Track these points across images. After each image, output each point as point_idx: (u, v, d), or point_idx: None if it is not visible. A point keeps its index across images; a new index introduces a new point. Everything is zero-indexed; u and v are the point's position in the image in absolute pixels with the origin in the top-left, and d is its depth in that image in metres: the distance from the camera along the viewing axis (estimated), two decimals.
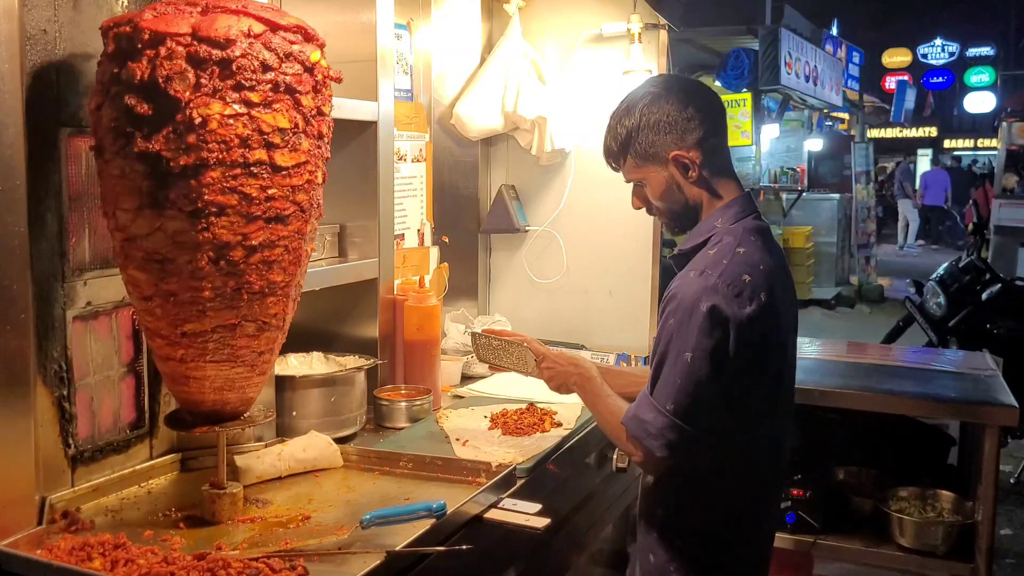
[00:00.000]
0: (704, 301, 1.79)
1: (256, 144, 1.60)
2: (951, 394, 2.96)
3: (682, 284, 1.85)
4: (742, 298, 1.79)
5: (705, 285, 1.80)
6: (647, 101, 1.94)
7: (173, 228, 1.59)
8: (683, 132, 1.91)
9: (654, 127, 1.92)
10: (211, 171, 1.57)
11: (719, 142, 1.96)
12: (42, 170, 1.74)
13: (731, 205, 1.95)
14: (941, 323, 5.97)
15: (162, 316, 1.67)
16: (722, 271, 1.81)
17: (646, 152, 1.94)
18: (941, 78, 26.59)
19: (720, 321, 1.78)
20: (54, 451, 1.81)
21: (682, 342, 1.80)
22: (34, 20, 1.71)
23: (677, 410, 1.80)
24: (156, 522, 1.82)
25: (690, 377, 1.79)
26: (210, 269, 1.61)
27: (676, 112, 1.91)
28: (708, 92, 2.01)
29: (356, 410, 2.40)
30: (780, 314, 1.88)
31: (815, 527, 2.97)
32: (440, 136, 3.37)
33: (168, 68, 1.54)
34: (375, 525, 1.72)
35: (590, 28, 3.30)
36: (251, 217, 1.62)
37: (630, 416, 1.89)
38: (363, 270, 2.60)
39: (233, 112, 1.57)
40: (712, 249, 1.88)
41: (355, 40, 2.58)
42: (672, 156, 1.92)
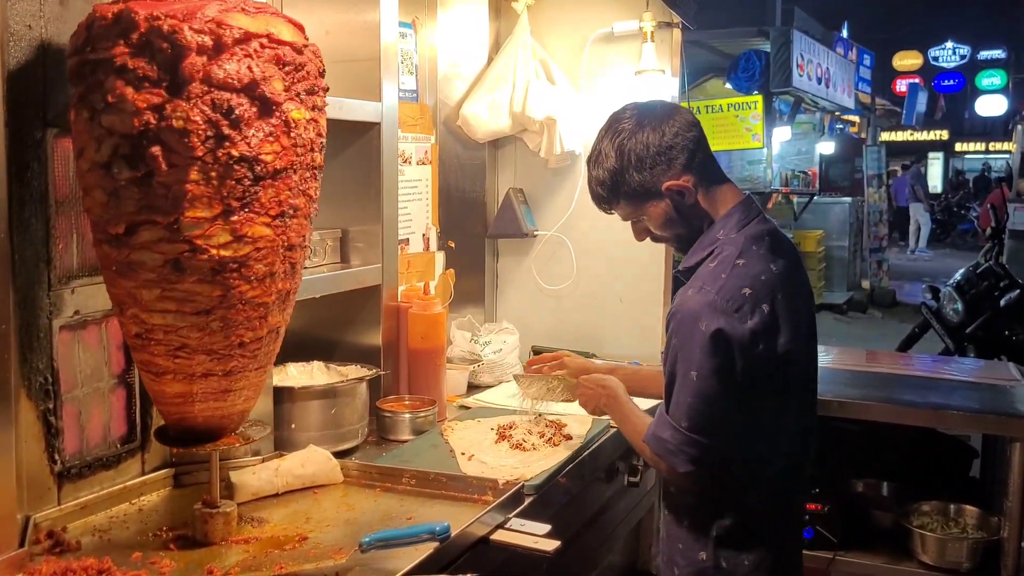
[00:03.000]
0: (703, 320, 1.78)
1: (317, 147, 1.63)
2: (975, 405, 2.88)
3: (682, 301, 1.85)
4: (742, 312, 1.78)
5: (703, 302, 1.80)
6: (622, 139, 1.90)
7: (259, 234, 1.55)
8: (670, 160, 1.89)
9: (639, 164, 1.89)
10: (297, 173, 1.58)
11: (705, 157, 1.94)
12: (27, 172, 1.66)
13: (732, 213, 1.93)
14: (958, 329, 5.88)
15: (220, 329, 1.58)
16: (720, 286, 1.80)
17: (638, 191, 1.92)
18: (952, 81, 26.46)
19: (721, 340, 1.77)
20: (39, 467, 1.72)
21: (687, 361, 1.81)
22: (18, 15, 1.63)
23: (692, 426, 1.81)
24: (146, 543, 1.74)
25: (699, 395, 1.80)
26: (286, 269, 1.62)
27: (656, 142, 1.88)
28: (678, 109, 1.98)
29: (357, 422, 2.31)
30: (788, 323, 1.84)
31: (833, 542, 2.88)
32: (446, 138, 3.28)
33: (263, 69, 1.51)
34: (375, 548, 1.64)
35: (601, 27, 3.21)
36: (310, 219, 1.66)
37: (650, 435, 1.90)
38: (366, 276, 2.52)
39: (309, 116, 1.59)
40: (713, 262, 1.87)
41: (357, 39, 2.50)
42: (665, 188, 1.90)
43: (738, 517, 1.91)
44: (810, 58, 9.07)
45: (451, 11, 3.25)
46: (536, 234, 3.36)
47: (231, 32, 1.49)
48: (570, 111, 3.19)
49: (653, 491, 2.93)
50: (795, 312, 1.87)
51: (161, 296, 1.53)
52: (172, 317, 1.55)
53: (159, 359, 1.59)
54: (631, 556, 3.06)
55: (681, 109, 2.00)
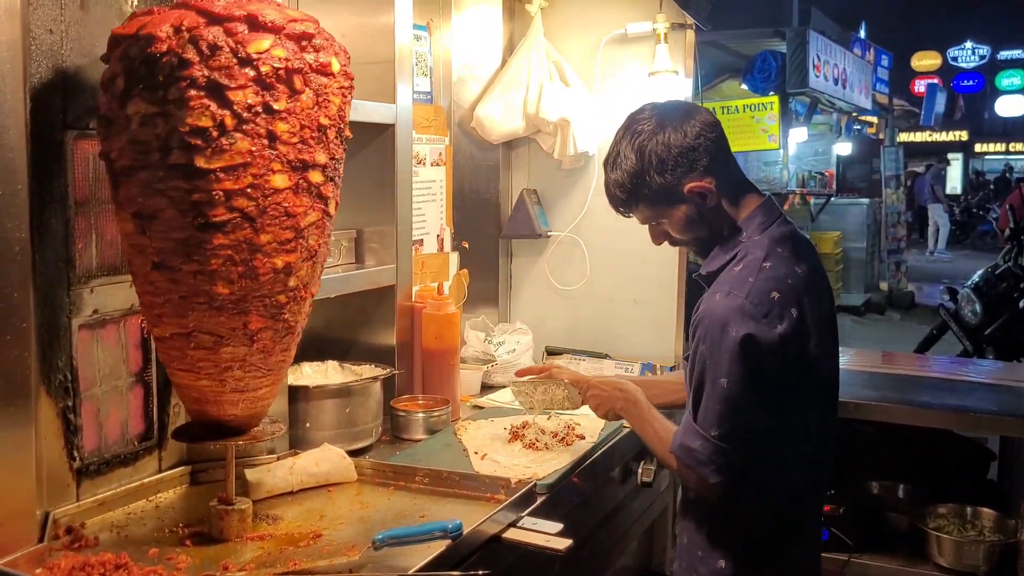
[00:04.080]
0: (732, 325, 1.73)
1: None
2: (992, 407, 2.86)
3: (709, 306, 1.79)
4: (771, 317, 1.74)
5: (732, 306, 1.74)
6: (642, 140, 1.84)
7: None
8: (692, 162, 1.83)
9: (660, 167, 1.83)
10: None
11: (727, 159, 1.89)
12: (47, 174, 1.69)
13: (754, 215, 1.88)
14: (977, 331, 5.84)
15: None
16: (749, 290, 1.75)
17: (659, 194, 1.85)
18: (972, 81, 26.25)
19: (751, 345, 1.73)
20: (58, 464, 1.75)
21: (716, 368, 1.75)
22: (39, 20, 1.65)
23: (722, 435, 1.77)
24: (162, 539, 1.76)
25: (728, 402, 1.75)
26: None
27: (678, 143, 1.82)
28: (698, 109, 1.93)
29: (372, 421, 2.33)
30: (814, 327, 1.81)
31: (849, 545, 2.87)
32: (460, 139, 3.30)
33: None
34: (388, 546, 1.65)
35: (614, 28, 3.22)
36: None
37: (678, 444, 1.84)
38: (380, 276, 2.54)
39: None
40: (738, 266, 1.82)
41: (372, 42, 2.52)
42: (687, 190, 1.84)
43: (759, 523, 1.88)
44: (826, 59, 9.03)
45: (465, 13, 3.27)
46: (550, 235, 3.37)
47: None
48: (584, 112, 3.20)
49: (667, 492, 2.93)
50: (820, 315, 1.83)
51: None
52: None
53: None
54: (645, 557, 3.06)
55: (701, 109, 1.93)
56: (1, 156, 1.52)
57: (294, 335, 1.71)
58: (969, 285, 6.10)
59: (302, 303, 1.68)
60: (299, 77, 1.56)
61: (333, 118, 1.64)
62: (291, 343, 1.72)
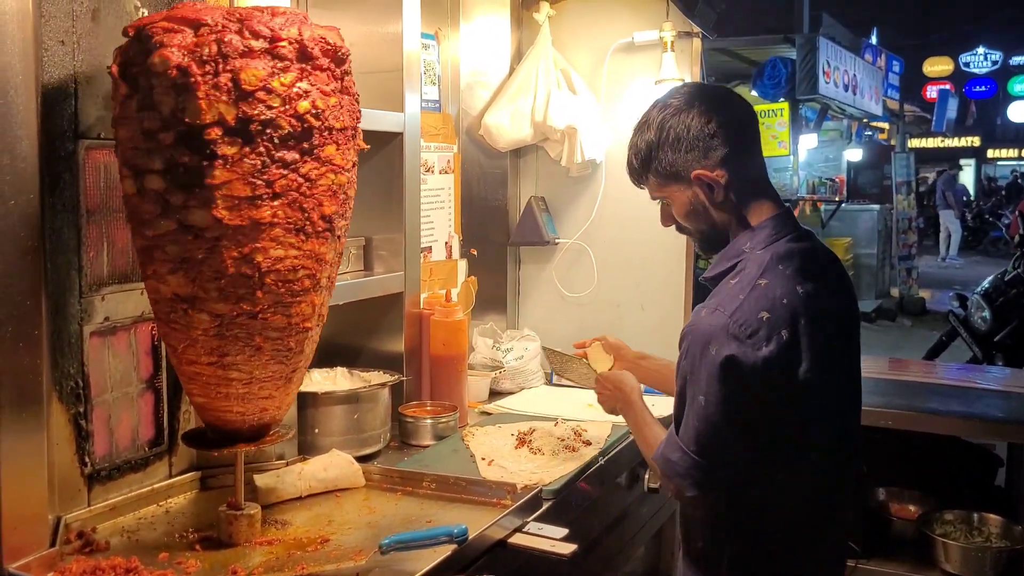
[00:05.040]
0: (714, 344, 1.68)
1: None
2: (999, 414, 2.85)
3: (695, 321, 1.75)
4: (756, 339, 1.66)
5: (716, 324, 1.68)
6: (668, 114, 1.80)
7: None
8: (706, 149, 1.77)
9: (674, 143, 1.78)
10: None
11: (749, 159, 1.82)
12: (59, 183, 1.71)
13: (763, 227, 1.80)
14: (986, 338, 5.82)
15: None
16: (736, 308, 1.68)
17: (667, 171, 1.81)
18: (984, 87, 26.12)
19: (732, 367, 1.66)
20: (70, 469, 1.77)
21: (696, 385, 1.72)
22: (51, 32, 1.68)
23: (700, 450, 1.73)
24: (172, 543, 1.78)
25: (707, 421, 1.71)
26: None
27: (698, 127, 1.77)
28: (737, 104, 1.85)
29: (380, 427, 2.35)
30: (811, 350, 1.70)
31: (855, 551, 2.87)
32: (468, 147, 3.32)
33: None
34: (394, 550, 1.67)
35: (621, 37, 3.24)
36: None
37: (659, 455, 1.83)
38: (389, 283, 2.56)
39: None
40: (734, 279, 1.75)
41: (381, 50, 2.55)
42: (695, 176, 1.79)
43: (752, 545, 1.82)
44: (836, 65, 9.03)
45: (473, 22, 3.29)
46: (558, 242, 3.38)
47: None
48: (591, 120, 3.22)
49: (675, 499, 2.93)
50: (824, 338, 1.72)
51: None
52: None
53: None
54: (652, 562, 3.07)
55: (743, 106, 1.86)
56: (13, 166, 1.55)
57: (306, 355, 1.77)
58: (979, 292, 6.08)
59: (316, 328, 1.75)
60: None
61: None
62: (303, 363, 1.77)
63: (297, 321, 1.64)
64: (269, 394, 1.72)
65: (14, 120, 1.54)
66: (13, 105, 1.54)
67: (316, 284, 1.65)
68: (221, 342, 1.60)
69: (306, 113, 1.55)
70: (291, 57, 1.56)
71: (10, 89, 1.54)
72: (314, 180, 1.58)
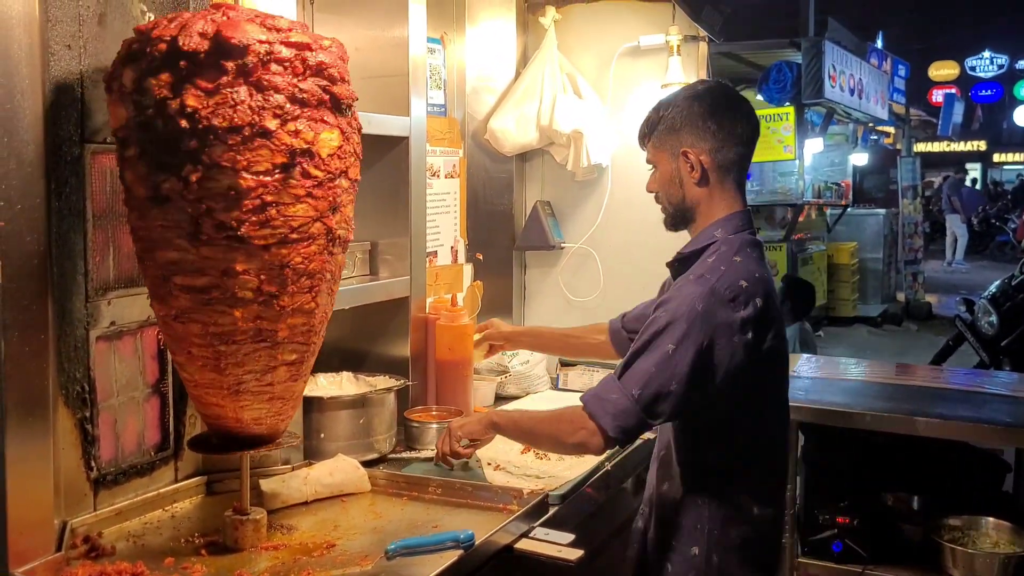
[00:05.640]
0: (700, 302, 1.84)
1: None
2: (1008, 419, 2.83)
3: (679, 286, 1.91)
4: (737, 302, 1.85)
5: (702, 290, 1.86)
6: (685, 94, 2.03)
7: None
8: (700, 137, 1.98)
9: (677, 119, 1.99)
10: None
11: (736, 160, 2.00)
12: (65, 187, 1.71)
13: (732, 218, 2.00)
14: (993, 343, 5.79)
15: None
16: (720, 276, 1.87)
17: (664, 139, 2.01)
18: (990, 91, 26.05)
19: (709, 322, 1.83)
20: (76, 474, 1.77)
21: (666, 337, 1.83)
22: (58, 36, 1.68)
23: (642, 396, 1.83)
24: (178, 548, 1.78)
25: (665, 369, 1.82)
26: None
27: (701, 118, 1.98)
28: (741, 113, 2.02)
29: (385, 432, 2.34)
30: (775, 323, 1.94)
31: (863, 556, 2.85)
32: (474, 151, 3.32)
33: None
34: (400, 555, 1.67)
35: (627, 41, 3.23)
36: None
37: (590, 395, 1.89)
38: (394, 288, 2.55)
39: None
40: (711, 257, 1.94)
41: (387, 55, 2.55)
42: (683, 151, 1.98)
43: (725, 511, 1.95)
44: (842, 69, 9.02)
45: (479, 26, 3.29)
46: (563, 246, 3.38)
47: None
48: (597, 124, 3.21)
49: None
50: (779, 316, 1.98)
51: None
52: None
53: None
54: None
55: (747, 118, 2.04)
56: (20, 170, 1.55)
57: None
58: (986, 296, 6.06)
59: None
60: None
61: None
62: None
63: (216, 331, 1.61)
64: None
65: (20, 124, 1.55)
66: (19, 109, 1.55)
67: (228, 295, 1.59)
68: None
69: (175, 114, 1.50)
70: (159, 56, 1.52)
71: (16, 93, 1.54)
72: (201, 183, 1.52)
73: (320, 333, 1.73)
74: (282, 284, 1.59)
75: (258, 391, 1.68)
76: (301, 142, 1.55)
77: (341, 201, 1.65)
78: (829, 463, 3.07)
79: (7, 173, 1.52)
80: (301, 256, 1.59)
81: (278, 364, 1.66)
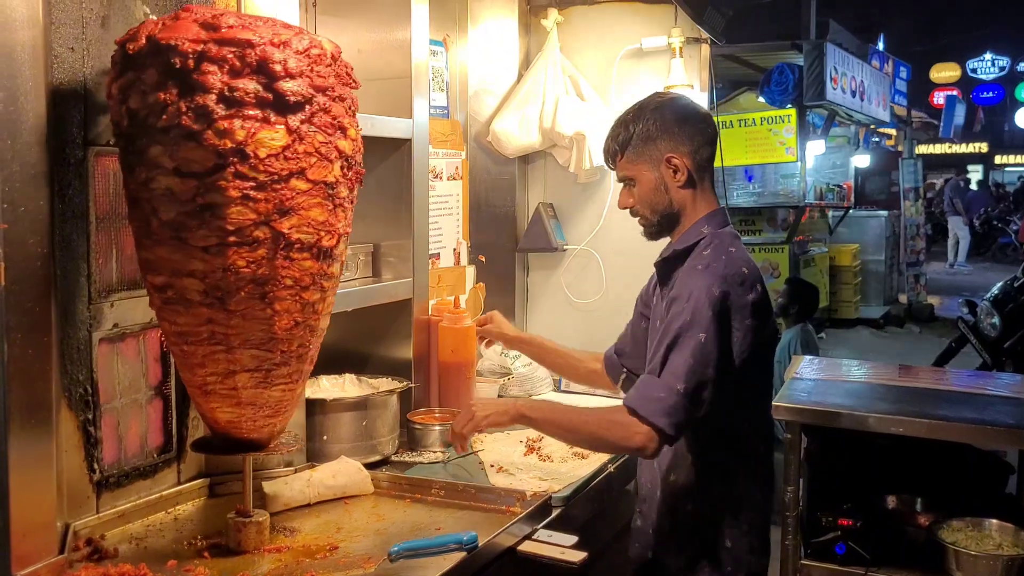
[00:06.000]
0: (715, 287, 1.90)
1: None
2: (1011, 420, 2.82)
3: (687, 281, 1.95)
4: (745, 286, 1.95)
5: (713, 276, 1.92)
6: (651, 107, 2.07)
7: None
8: (679, 141, 2.04)
9: (653, 129, 2.04)
10: None
11: (709, 159, 2.09)
12: (69, 190, 1.72)
13: (716, 214, 2.08)
14: (996, 344, 5.79)
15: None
16: (724, 264, 1.95)
17: (641, 151, 2.04)
18: (991, 93, 26.03)
19: (727, 306, 1.90)
20: (79, 476, 1.77)
21: (695, 327, 1.88)
22: (61, 38, 1.69)
23: (687, 389, 1.86)
24: (181, 551, 1.78)
25: (702, 358, 1.87)
26: None
27: (676, 124, 2.04)
28: (703, 116, 2.13)
29: (388, 434, 2.34)
30: (770, 310, 2.04)
31: (865, 558, 2.84)
32: (477, 153, 3.32)
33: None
34: (403, 558, 1.66)
35: (630, 43, 3.23)
36: None
37: (637, 398, 1.88)
38: (397, 290, 2.55)
39: None
40: (706, 250, 2.01)
41: (389, 57, 2.55)
42: (666, 157, 2.03)
43: (734, 498, 2.02)
44: (844, 71, 9.01)
45: (481, 29, 3.29)
46: (566, 248, 3.38)
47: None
48: (599, 126, 3.21)
49: None
50: (771, 305, 2.06)
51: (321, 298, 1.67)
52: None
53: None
54: None
55: (709, 120, 2.13)
56: (23, 172, 1.55)
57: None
58: (988, 298, 6.06)
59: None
60: None
61: None
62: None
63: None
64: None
65: (24, 127, 1.55)
66: (23, 112, 1.55)
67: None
68: None
69: (124, 116, 1.55)
70: (117, 61, 1.57)
71: (20, 96, 1.54)
72: (146, 184, 1.54)
73: (296, 343, 1.65)
74: (227, 288, 1.55)
75: (224, 394, 1.66)
76: (229, 142, 1.49)
77: (297, 204, 1.56)
78: (832, 465, 3.06)
79: (10, 175, 1.53)
80: (245, 260, 1.54)
81: (238, 370, 1.63)
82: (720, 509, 2.02)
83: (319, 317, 1.69)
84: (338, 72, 1.65)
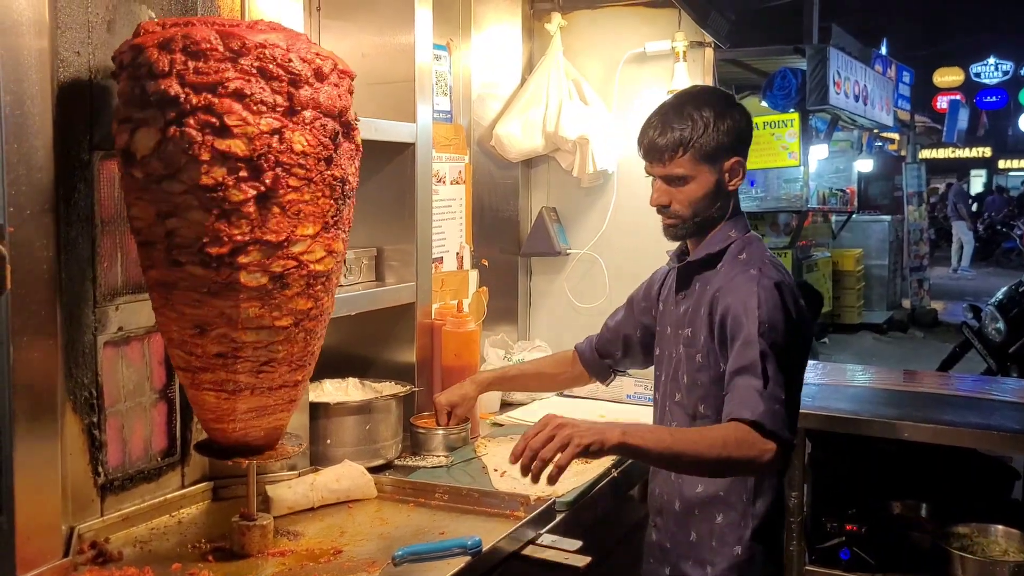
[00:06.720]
0: (779, 295, 1.89)
1: None
2: (1016, 426, 2.82)
3: (738, 291, 1.90)
4: (793, 287, 1.96)
5: (767, 275, 1.91)
6: (723, 107, 1.98)
7: (340, 248, 1.71)
8: (743, 143, 2.01)
9: (727, 131, 1.96)
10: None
11: None
12: (74, 193, 1.71)
13: (740, 218, 2.06)
14: (1000, 349, 5.78)
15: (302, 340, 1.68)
16: (772, 264, 1.96)
17: (709, 151, 1.95)
18: (995, 97, 26.00)
19: (795, 309, 1.90)
20: (83, 479, 1.77)
21: (777, 333, 1.85)
22: (67, 42, 1.69)
23: (788, 399, 1.85)
24: (185, 554, 1.77)
25: (791, 365, 1.86)
26: None
27: (744, 124, 2.00)
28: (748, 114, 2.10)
29: (392, 438, 2.34)
30: None
31: (871, 564, 2.84)
32: (480, 158, 3.32)
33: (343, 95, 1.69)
34: (407, 562, 1.66)
35: (633, 47, 3.24)
36: None
37: (763, 413, 1.77)
38: (400, 294, 2.55)
39: None
40: (742, 254, 1.99)
41: (393, 61, 2.55)
42: (733, 161, 1.98)
43: (772, 497, 2.00)
44: (847, 75, 9.00)
45: (485, 33, 3.30)
46: (569, 252, 3.38)
47: (326, 63, 1.59)
48: (603, 130, 3.21)
49: None
50: None
51: (260, 313, 1.58)
52: (266, 333, 1.60)
53: (242, 376, 1.63)
54: None
55: None
56: (29, 176, 1.55)
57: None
58: (993, 303, 6.05)
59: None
60: None
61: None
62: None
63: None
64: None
65: (30, 131, 1.55)
66: (29, 116, 1.55)
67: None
68: None
69: None
70: None
71: (26, 99, 1.54)
72: None
73: (257, 360, 1.61)
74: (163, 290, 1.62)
75: (192, 397, 1.71)
76: (121, 143, 1.57)
77: (180, 204, 1.51)
78: (836, 470, 3.06)
79: (16, 179, 1.53)
80: (150, 261, 1.59)
81: (200, 379, 1.66)
82: (746, 521, 1.97)
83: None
84: (244, 68, 1.51)
